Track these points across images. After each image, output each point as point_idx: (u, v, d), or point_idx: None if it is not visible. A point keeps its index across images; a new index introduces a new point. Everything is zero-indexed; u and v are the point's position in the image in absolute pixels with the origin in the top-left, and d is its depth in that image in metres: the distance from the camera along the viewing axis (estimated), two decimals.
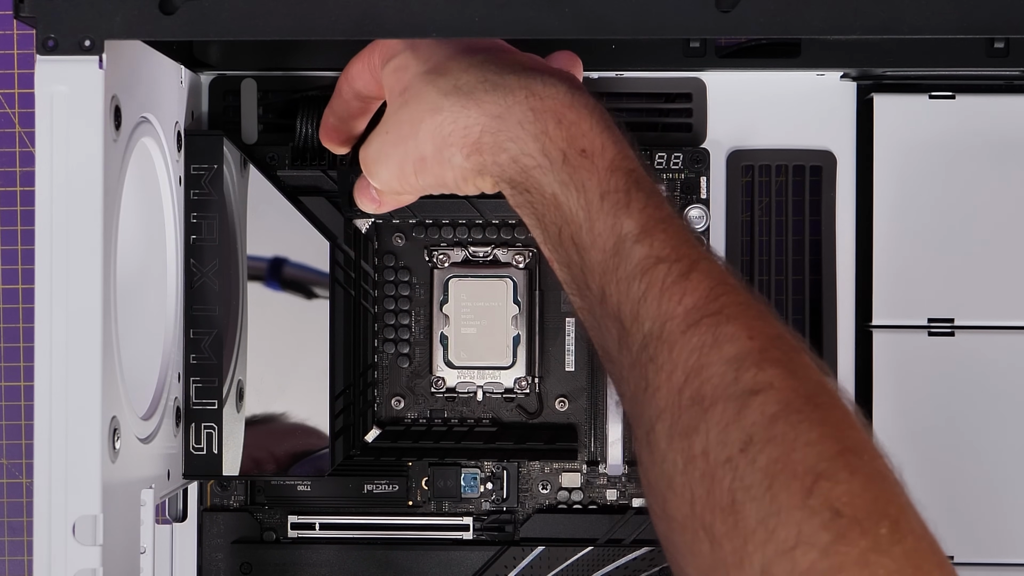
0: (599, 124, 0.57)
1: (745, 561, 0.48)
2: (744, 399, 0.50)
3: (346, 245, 0.71)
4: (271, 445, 0.69)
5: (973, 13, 0.52)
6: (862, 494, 0.48)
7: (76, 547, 0.52)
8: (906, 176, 0.70)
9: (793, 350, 0.52)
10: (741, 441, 0.49)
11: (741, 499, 0.49)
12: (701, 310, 0.52)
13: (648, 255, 0.54)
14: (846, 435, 0.50)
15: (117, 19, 0.52)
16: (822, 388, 0.51)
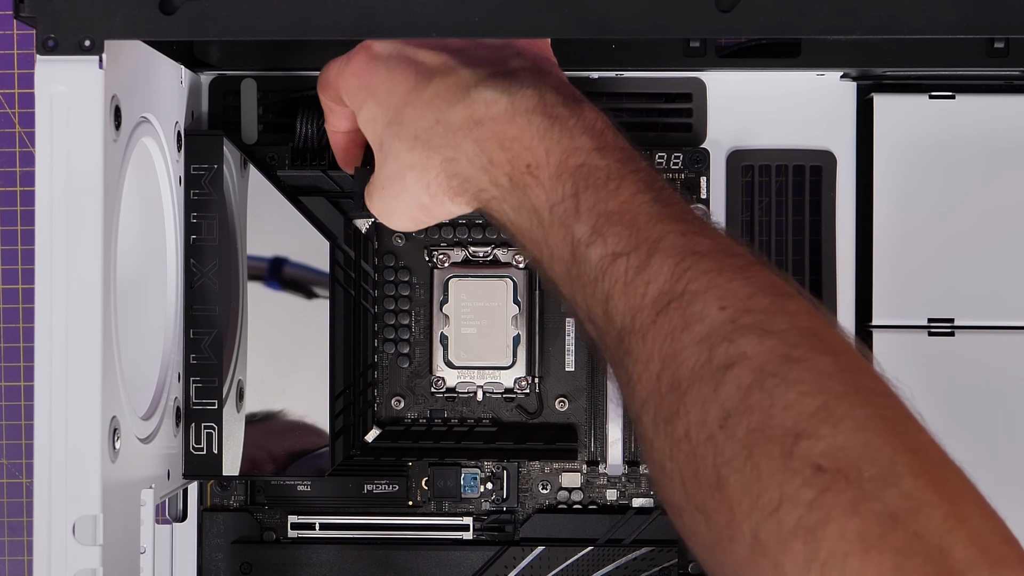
0: (540, 128, 0.56)
1: (736, 531, 0.48)
2: (719, 376, 0.49)
3: (346, 245, 0.71)
4: (271, 445, 0.69)
5: (973, 13, 0.52)
6: (846, 445, 0.47)
7: (76, 547, 0.52)
8: (906, 176, 0.70)
9: (769, 307, 0.51)
10: (720, 417, 0.49)
11: (725, 473, 0.48)
12: (667, 294, 0.52)
13: (603, 255, 0.54)
14: (826, 385, 0.48)
15: (117, 19, 0.52)
16: (801, 339, 0.50)
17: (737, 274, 0.52)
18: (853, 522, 0.45)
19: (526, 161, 0.56)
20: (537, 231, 0.56)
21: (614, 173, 0.55)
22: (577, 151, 0.56)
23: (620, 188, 0.55)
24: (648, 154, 0.71)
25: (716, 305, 0.51)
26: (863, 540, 0.45)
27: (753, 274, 0.52)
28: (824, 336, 0.50)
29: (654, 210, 0.54)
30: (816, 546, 0.45)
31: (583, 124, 0.56)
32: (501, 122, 0.56)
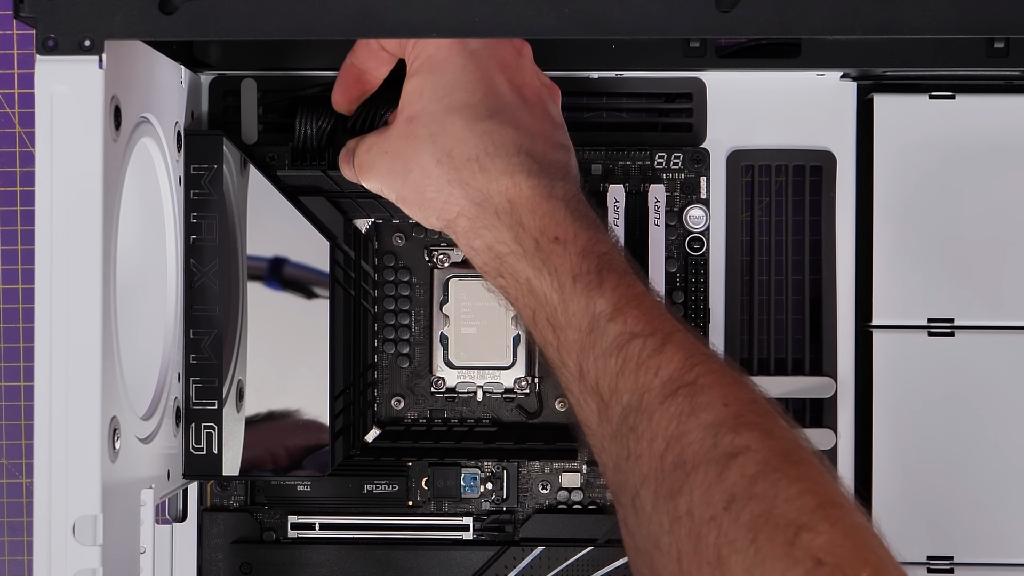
0: (573, 214, 0.60)
1: None
2: (724, 461, 0.52)
3: (346, 245, 0.71)
4: (271, 445, 0.69)
5: (973, 13, 0.52)
6: (843, 543, 0.50)
7: (76, 547, 0.52)
8: (906, 176, 0.70)
9: (767, 413, 0.55)
10: (724, 500, 0.52)
11: (727, 553, 0.51)
12: (677, 381, 0.55)
13: (623, 332, 0.57)
14: (824, 489, 0.52)
15: (117, 19, 0.52)
16: (797, 447, 0.54)
17: (739, 379, 0.56)
18: None
19: (555, 234, 0.59)
20: (554, 296, 0.59)
21: (632, 270, 0.60)
22: (602, 241, 0.60)
23: (635, 283, 0.59)
24: (648, 154, 0.71)
25: (721, 401, 0.54)
26: None
27: (749, 386, 0.56)
28: (809, 451, 0.55)
29: (665, 310, 0.58)
30: None
31: (605, 227, 0.61)
32: (538, 196, 0.60)
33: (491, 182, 0.60)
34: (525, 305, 0.61)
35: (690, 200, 0.71)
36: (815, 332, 0.72)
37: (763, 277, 0.72)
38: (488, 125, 0.60)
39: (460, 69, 0.61)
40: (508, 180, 0.60)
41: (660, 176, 0.71)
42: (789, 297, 0.73)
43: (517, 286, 0.61)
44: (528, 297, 0.60)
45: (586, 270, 0.59)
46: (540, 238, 0.59)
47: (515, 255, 0.60)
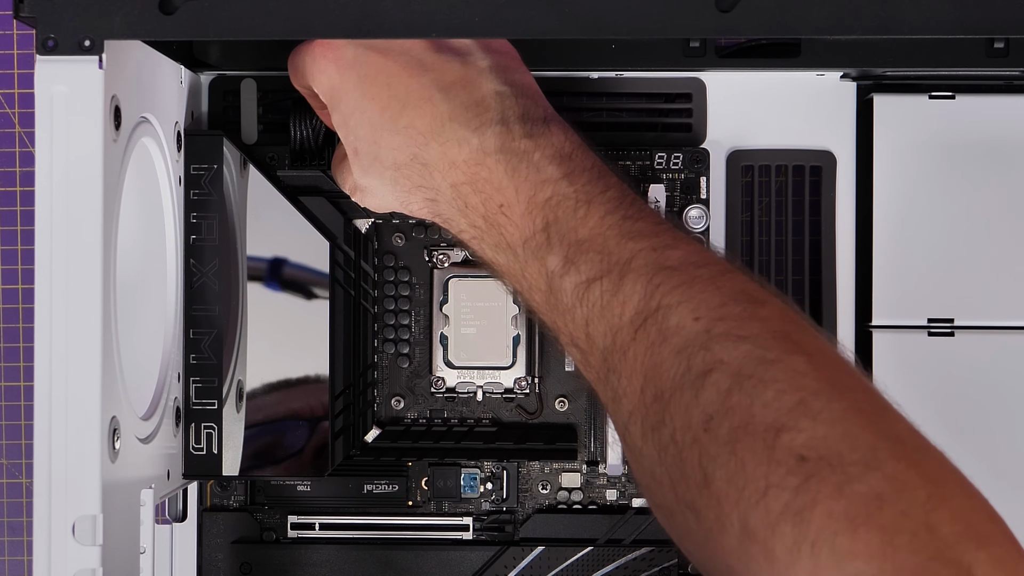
0: (509, 167, 0.58)
1: (725, 523, 0.49)
2: (699, 382, 0.51)
3: (346, 245, 0.71)
4: (271, 445, 0.69)
5: (973, 13, 0.52)
6: (827, 435, 0.48)
7: (76, 547, 0.52)
8: (906, 176, 0.70)
9: (741, 313, 0.52)
10: (702, 420, 0.50)
11: (711, 470, 0.50)
12: (643, 312, 0.54)
13: (578, 283, 0.56)
14: (803, 383, 0.50)
15: (117, 19, 0.52)
16: (775, 342, 0.51)
17: (709, 284, 0.53)
18: (840, 503, 0.46)
19: (498, 202, 0.58)
20: (514, 267, 0.58)
21: (582, 198, 0.57)
22: (544, 184, 0.57)
23: (588, 213, 0.57)
24: (648, 154, 0.71)
25: (690, 316, 0.53)
26: (851, 519, 0.46)
27: (724, 283, 0.54)
28: (797, 338, 0.52)
29: (624, 229, 0.56)
30: (804, 528, 0.47)
31: (550, 152, 0.58)
32: (473, 164, 0.58)
33: (432, 173, 0.59)
34: (506, 283, 0.60)
35: (690, 200, 0.71)
36: None
37: (763, 277, 0.72)
38: (408, 117, 0.59)
39: (355, 83, 0.60)
40: (443, 161, 0.59)
41: (660, 176, 0.71)
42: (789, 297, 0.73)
43: (492, 268, 0.60)
44: (502, 275, 0.60)
45: (532, 231, 0.57)
46: (487, 213, 0.58)
47: (476, 239, 0.60)
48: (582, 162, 0.58)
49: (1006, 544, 0.47)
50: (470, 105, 0.59)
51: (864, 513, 0.46)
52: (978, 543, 0.46)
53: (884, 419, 0.50)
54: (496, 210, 0.58)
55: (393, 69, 0.59)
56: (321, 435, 0.69)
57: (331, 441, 0.69)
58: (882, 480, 0.47)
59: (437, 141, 0.59)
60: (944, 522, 0.46)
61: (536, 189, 0.57)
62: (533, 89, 0.61)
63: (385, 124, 0.59)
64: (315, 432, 0.69)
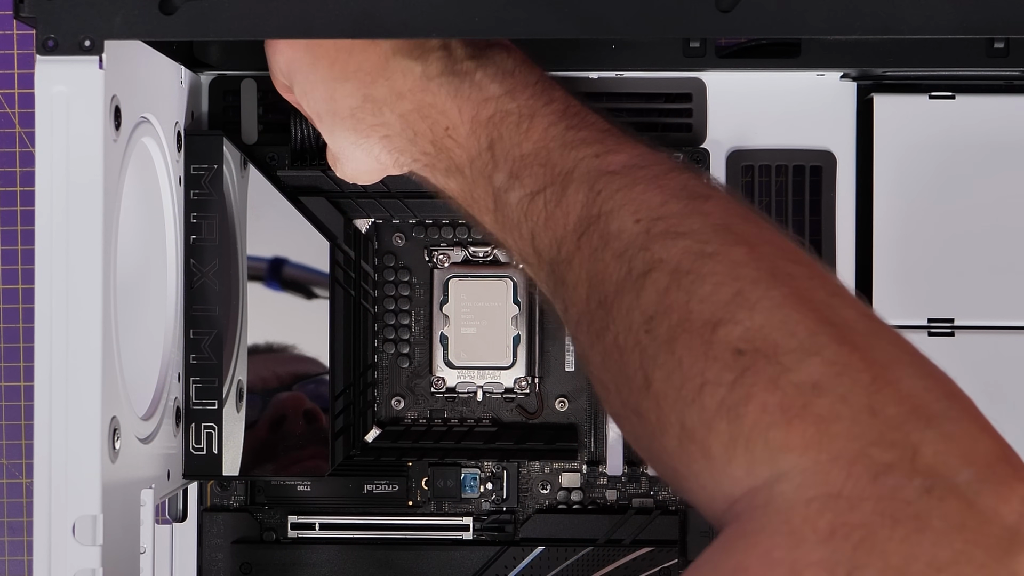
0: (451, 88, 0.57)
1: (665, 424, 0.48)
2: (639, 283, 0.50)
3: (346, 245, 0.71)
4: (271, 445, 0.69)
5: (973, 13, 0.52)
6: (764, 325, 0.46)
7: (76, 547, 0.52)
8: (906, 176, 0.70)
9: (682, 210, 0.51)
10: (643, 322, 0.49)
11: (650, 371, 0.48)
12: (585, 219, 0.53)
13: (522, 196, 0.55)
14: (741, 273, 0.48)
15: (117, 19, 0.52)
16: (715, 235, 0.50)
17: (650, 184, 0.52)
18: (774, 396, 0.45)
19: (444, 125, 0.57)
20: (464, 188, 0.58)
21: (525, 113, 0.56)
22: (487, 102, 0.57)
23: (532, 127, 0.56)
24: None
25: (631, 219, 0.51)
26: (785, 411, 0.44)
27: (667, 181, 0.52)
28: (739, 229, 0.50)
29: (567, 139, 0.55)
30: (739, 424, 0.45)
31: (492, 70, 0.57)
32: (418, 91, 0.58)
33: (382, 108, 0.59)
34: (459, 208, 0.59)
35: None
36: None
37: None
38: (356, 60, 0.59)
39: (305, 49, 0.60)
40: (391, 94, 0.58)
41: None
42: None
43: (446, 194, 0.59)
44: (455, 200, 0.59)
45: (477, 151, 0.57)
46: (434, 139, 0.58)
47: (429, 167, 0.59)
48: (525, 78, 0.57)
49: (962, 419, 0.45)
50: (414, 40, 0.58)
51: (799, 403, 0.44)
52: (927, 421, 0.44)
53: (829, 304, 0.47)
54: (443, 133, 0.58)
55: None
56: (321, 435, 0.69)
57: (331, 441, 0.69)
58: (820, 366, 0.45)
59: (383, 76, 0.58)
60: (888, 404, 0.44)
61: (479, 108, 0.57)
62: None
63: (336, 75, 0.59)
64: (315, 432, 0.69)
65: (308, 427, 0.69)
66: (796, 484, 0.43)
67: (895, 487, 0.42)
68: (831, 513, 0.42)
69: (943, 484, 0.43)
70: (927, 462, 0.43)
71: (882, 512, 0.42)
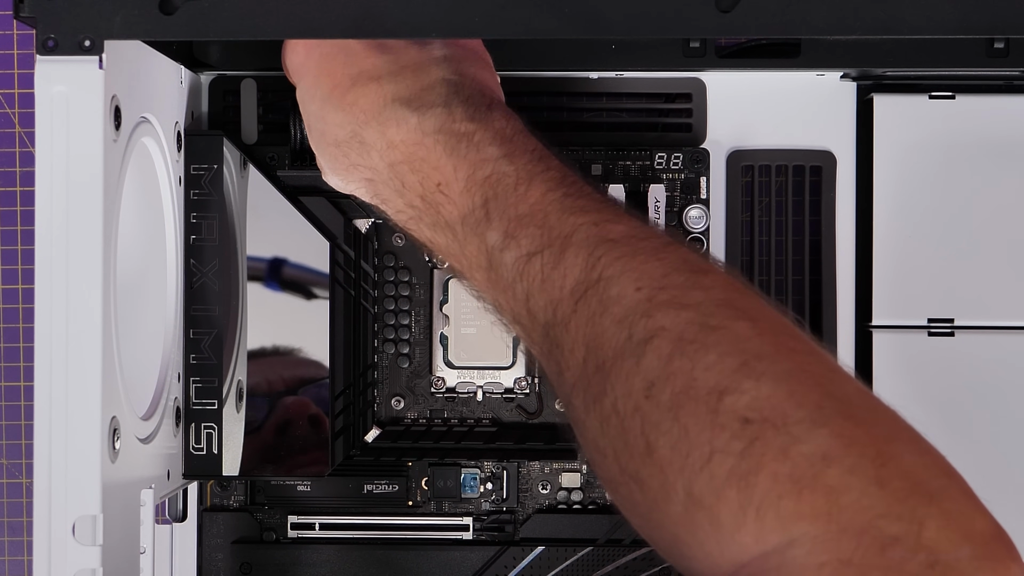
0: (448, 147, 0.57)
1: (670, 491, 0.48)
2: (640, 349, 0.50)
3: (346, 245, 0.71)
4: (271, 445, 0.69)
5: (973, 13, 0.52)
6: (771, 396, 0.47)
7: (76, 547, 0.52)
8: (906, 176, 0.70)
9: (684, 283, 0.52)
10: (644, 388, 0.49)
11: (653, 438, 0.49)
12: (584, 283, 0.53)
13: (518, 256, 0.55)
14: (746, 346, 0.49)
15: (117, 19, 0.52)
16: (717, 309, 0.50)
17: (651, 256, 0.53)
18: (784, 465, 0.46)
19: (436, 180, 0.57)
20: (453, 245, 0.58)
21: (523, 177, 0.56)
22: (484, 163, 0.57)
23: (529, 190, 0.56)
24: (648, 154, 0.71)
25: (632, 287, 0.51)
26: (795, 481, 0.45)
27: (667, 254, 0.53)
28: (741, 305, 0.51)
29: (565, 205, 0.55)
30: (750, 492, 0.46)
31: (491, 134, 0.57)
32: (410, 144, 0.58)
33: (370, 152, 0.59)
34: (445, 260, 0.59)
35: (690, 200, 0.71)
36: (815, 332, 0.72)
37: (763, 277, 0.72)
38: (354, 94, 0.59)
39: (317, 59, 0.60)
40: (382, 142, 0.58)
41: (660, 176, 0.71)
42: (789, 297, 0.73)
43: (431, 248, 0.59)
44: (441, 255, 0.59)
45: (471, 208, 0.57)
46: (424, 193, 0.58)
47: (413, 220, 0.59)
48: (523, 144, 0.57)
49: (960, 498, 0.47)
50: (415, 88, 0.58)
51: (810, 474, 0.45)
52: (930, 498, 0.46)
53: (831, 379, 0.49)
54: (434, 189, 0.57)
55: (354, 48, 0.59)
56: (321, 435, 0.69)
57: (331, 441, 0.69)
58: (828, 439, 0.46)
59: (377, 120, 0.58)
60: (893, 479, 0.46)
61: (475, 168, 0.57)
62: (484, 82, 0.61)
63: (333, 100, 0.59)
64: (315, 432, 0.69)
65: (309, 428, 0.69)
66: (807, 550, 0.45)
67: (902, 560, 0.44)
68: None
69: (944, 560, 0.44)
70: (930, 537, 0.44)
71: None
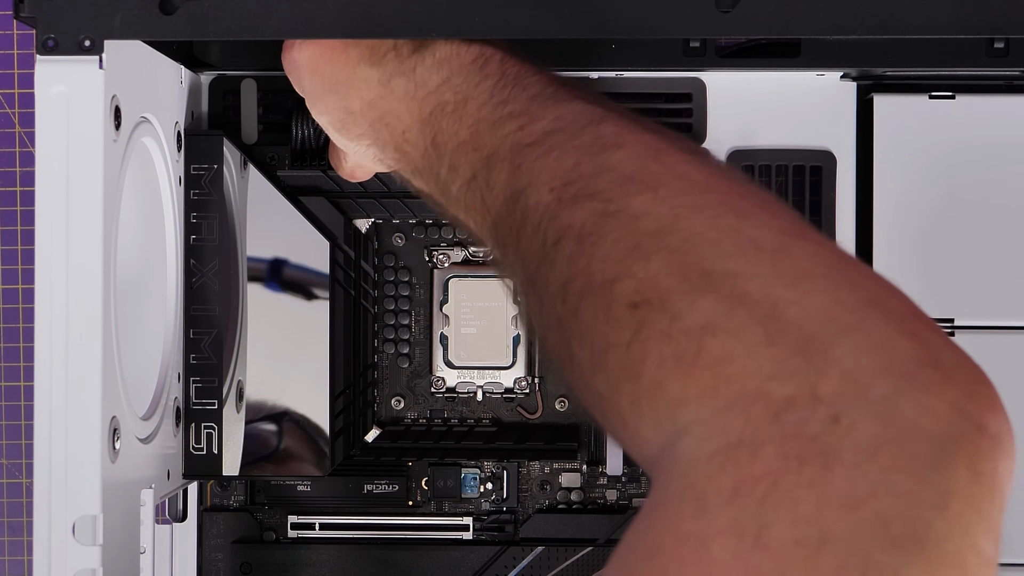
0: (400, 89, 0.56)
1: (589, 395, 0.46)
2: (552, 255, 0.47)
3: (346, 245, 0.71)
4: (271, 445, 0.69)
5: (973, 13, 0.52)
6: (657, 273, 0.43)
7: (76, 547, 0.52)
8: (906, 176, 0.70)
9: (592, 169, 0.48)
10: (557, 293, 0.47)
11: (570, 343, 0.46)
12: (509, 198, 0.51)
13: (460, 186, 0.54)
14: (640, 225, 0.44)
15: (117, 19, 0.52)
16: (621, 189, 0.46)
17: (564, 148, 0.50)
18: (667, 346, 0.41)
19: (400, 129, 0.57)
20: (426, 188, 0.57)
21: (460, 99, 0.55)
22: (428, 96, 0.56)
23: (465, 113, 0.54)
24: None
25: (546, 188, 0.49)
26: (679, 359, 0.41)
27: (580, 140, 0.50)
28: (646, 175, 0.47)
29: (495, 116, 0.53)
30: (639, 383, 0.42)
31: (430, 61, 0.56)
32: (379, 100, 0.57)
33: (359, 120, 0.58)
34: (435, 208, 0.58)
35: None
36: None
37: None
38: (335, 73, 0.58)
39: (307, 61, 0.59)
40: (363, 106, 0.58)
41: None
42: None
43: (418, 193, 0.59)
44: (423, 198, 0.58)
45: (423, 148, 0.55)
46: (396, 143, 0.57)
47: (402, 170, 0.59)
48: (460, 59, 0.56)
49: (880, 327, 0.39)
50: (373, 44, 0.57)
51: (693, 349, 0.40)
52: (834, 338, 0.38)
53: (734, 232, 0.43)
54: (401, 138, 0.57)
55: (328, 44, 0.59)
56: (321, 435, 0.69)
57: (331, 441, 0.69)
58: (711, 304, 0.41)
59: (354, 88, 0.58)
60: (788, 330, 0.39)
61: (421, 105, 0.56)
62: None
63: (327, 90, 0.59)
64: (315, 432, 0.69)
65: (308, 427, 0.69)
66: (696, 438, 0.39)
67: (798, 423, 0.37)
68: (732, 466, 0.38)
69: (853, 408, 0.37)
70: (832, 386, 0.37)
71: (786, 455, 0.37)
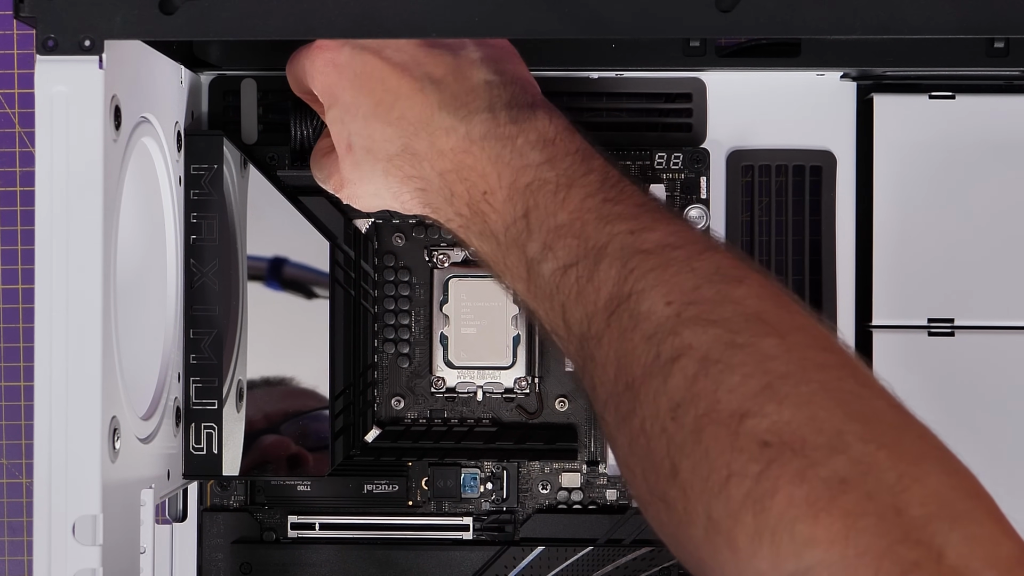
0: (492, 153, 0.57)
1: (692, 514, 0.48)
2: (667, 369, 0.50)
3: (346, 245, 0.71)
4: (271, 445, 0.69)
5: (973, 13, 0.52)
6: (791, 420, 0.47)
7: (76, 547, 0.52)
8: (906, 176, 0.70)
9: (714, 296, 0.51)
10: (670, 409, 0.49)
11: (678, 460, 0.49)
12: (616, 297, 0.53)
13: (555, 269, 0.55)
14: (771, 366, 0.48)
15: (117, 19, 0.52)
16: (746, 324, 0.50)
17: (683, 266, 0.52)
18: (800, 489, 0.45)
19: (482, 189, 0.58)
20: (497, 254, 0.58)
21: (563, 182, 0.56)
22: (526, 169, 0.57)
23: (568, 197, 0.56)
24: (648, 154, 0.71)
25: (662, 301, 0.51)
26: (811, 504, 0.45)
27: (701, 263, 0.52)
28: (772, 318, 0.51)
29: (603, 212, 0.55)
30: (765, 516, 0.46)
31: (534, 137, 0.57)
32: (459, 152, 0.58)
33: (421, 163, 0.59)
34: (491, 271, 0.59)
35: (690, 200, 0.71)
36: None
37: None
38: (399, 109, 0.59)
39: (351, 80, 0.60)
40: (431, 150, 0.58)
41: (660, 176, 0.71)
42: None
43: (478, 256, 0.60)
44: (487, 263, 0.59)
45: (512, 218, 0.57)
46: (471, 202, 0.58)
47: (463, 228, 0.59)
48: (565, 146, 0.58)
49: (986, 522, 0.46)
50: (459, 94, 0.59)
51: (826, 497, 0.45)
52: (952, 522, 0.45)
53: (858, 398, 0.48)
54: (480, 198, 0.58)
55: (387, 67, 0.60)
56: (321, 435, 0.69)
57: (331, 441, 0.69)
58: (847, 463, 0.46)
59: (427, 130, 0.59)
60: (914, 503, 0.45)
61: (517, 175, 0.57)
62: (524, 78, 0.61)
63: (379, 116, 0.60)
64: (315, 432, 0.69)
65: (308, 427, 0.69)
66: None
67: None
68: None
69: None
70: (951, 563, 0.44)
71: None
